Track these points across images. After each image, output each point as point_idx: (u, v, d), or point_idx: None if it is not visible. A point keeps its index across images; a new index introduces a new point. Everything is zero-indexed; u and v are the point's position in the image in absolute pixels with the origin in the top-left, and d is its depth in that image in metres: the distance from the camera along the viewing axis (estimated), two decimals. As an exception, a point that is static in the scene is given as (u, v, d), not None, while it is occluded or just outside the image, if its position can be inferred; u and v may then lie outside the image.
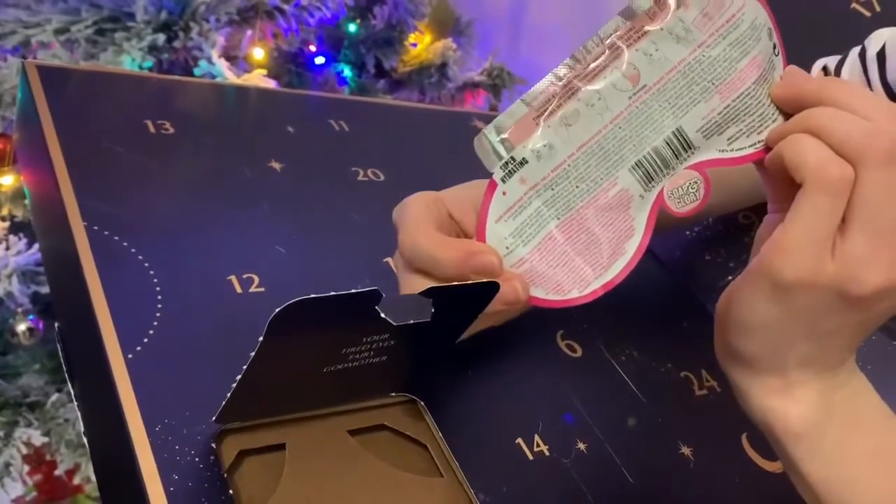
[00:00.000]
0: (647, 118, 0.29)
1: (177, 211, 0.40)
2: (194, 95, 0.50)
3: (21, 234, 0.75)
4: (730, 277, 0.51)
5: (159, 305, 0.34)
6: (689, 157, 0.29)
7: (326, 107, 0.54)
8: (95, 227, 0.36)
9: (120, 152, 0.41)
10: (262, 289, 0.37)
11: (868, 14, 0.59)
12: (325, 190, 0.46)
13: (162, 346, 0.32)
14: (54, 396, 0.76)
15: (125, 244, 0.36)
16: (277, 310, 0.25)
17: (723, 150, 0.29)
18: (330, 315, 0.27)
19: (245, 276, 0.37)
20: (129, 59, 0.73)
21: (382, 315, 0.27)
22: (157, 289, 0.35)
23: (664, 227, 0.36)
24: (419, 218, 0.32)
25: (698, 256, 0.53)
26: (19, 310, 0.74)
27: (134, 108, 0.45)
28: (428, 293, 0.28)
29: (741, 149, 0.29)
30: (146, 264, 0.35)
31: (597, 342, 0.42)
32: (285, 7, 0.80)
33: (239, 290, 0.36)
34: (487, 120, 0.58)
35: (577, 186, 0.29)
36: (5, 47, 0.74)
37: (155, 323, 0.33)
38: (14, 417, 0.74)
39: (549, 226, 0.30)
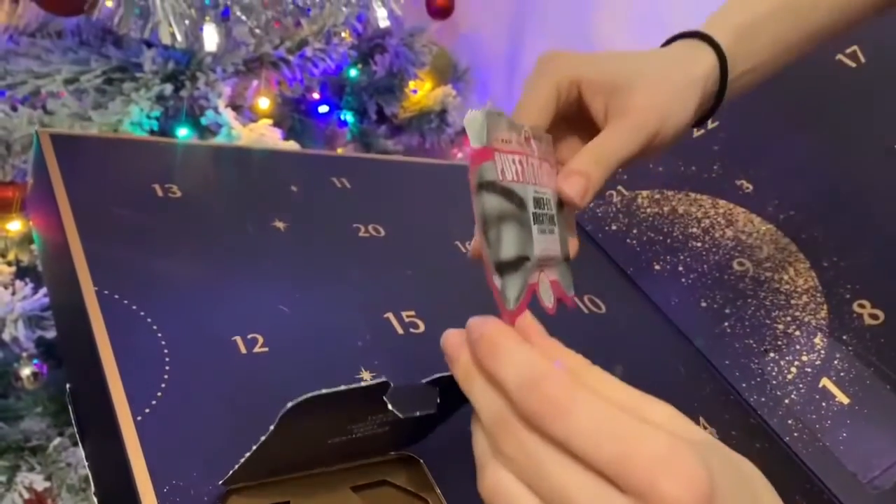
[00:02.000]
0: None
1: (183, 273, 0.41)
2: (200, 159, 0.51)
3: (27, 279, 0.76)
4: (725, 324, 0.52)
5: (167, 367, 0.35)
6: None
7: (328, 165, 0.55)
8: (106, 292, 0.37)
9: (129, 216, 0.42)
10: (266, 349, 0.38)
11: (853, 65, 0.61)
12: (327, 247, 0.47)
13: (170, 408, 0.33)
14: (56, 440, 0.76)
15: (134, 307, 0.37)
16: (289, 404, 0.26)
17: None
18: (339, 404, 0.28)
19: (250, 336, 0.38)
20: (138, 109, 0.74)
21: (390, 407, 0.28)
22: (165, 351, 0.36)
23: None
24: (540, 106, 0.32)
25: (693, 302, 0.54)
26: (24, 354, 0.75)
27: (142, 173, 0.47)
28: (434, 381, 0.29)
29: None
30: (154, 327, 0.37)
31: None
32: (290, 58, 0.82)
33: (244, 350, 0.37)
34: None
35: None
36: (16, 96, 0.76)
37: (163, 385, 0.34)
38: (16, 462, 0.75)
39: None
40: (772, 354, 0.50)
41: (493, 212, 0.25)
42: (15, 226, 0.79)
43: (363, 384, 0.27)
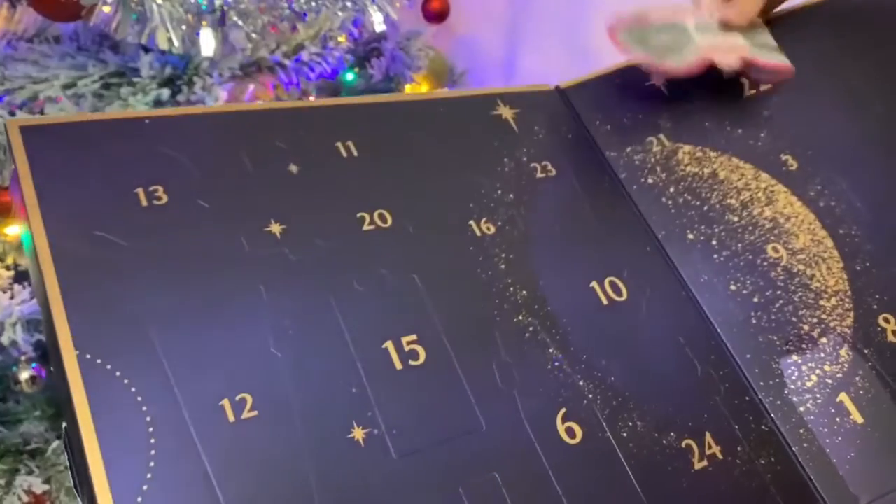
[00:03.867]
0: None
1: (169, 316, 0.38)
2: (190, 133, 0.45)
3: (25, 283, 0.76)
4: (752, 314, 0.49)
5: (152, 452, 0.34)
6: None
7: (332, 123, 0.49)
8: (88, 356, 0.36)
9: (108, 241, 0.39)
10: (255, 412, 0.37)
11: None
12: (326, 254, 0.43)
13: (159, 496, 0.33)
14: (55, 443, 0.77)
15: (118, 374, 0.36)
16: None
17: None
18: None
19: (238, 397, 0.37)
20: (136, 115, 0.74)
21: None
22: (150, 430, 0.35)
23: None
24: None
25: (723, 284, 0.51)
26: (23, 358, 0.75)
27: (125, 173, 0.42)
28: None
29: None
30: (139, 398, 0.35)
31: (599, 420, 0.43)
32: (286, 62, 0.82)
33: (231, 417, 0.36)
34: (513, 102, 0.55)
35: None
36: (14, 102, 0.76)
37: (149, 476, 0.34)
38: (15, 465, 0.75)
39: None
40: (794, 357, 0.49)
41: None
42: (13, 230, 0.79)
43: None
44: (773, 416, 0.47)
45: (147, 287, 0.39)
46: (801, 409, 0.48)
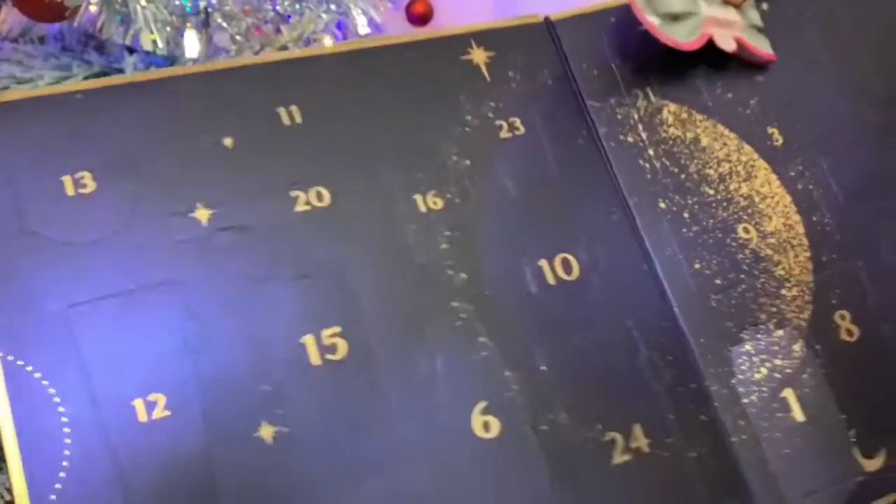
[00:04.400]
0: None
1: (89, 313, 0.38)
2: (121, 108, 0.42)
3: None
4: (713, 296, 0.48)
5: (66, 452, 0.36)
6: None
7: (274, 85, 0.45)
8: (10, 358, 0.36)
9: (34, 234, 0.39)
10: (168, 412, 0.37)
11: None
12: (256, 241, 0.42)
13: (71, 493, 0.35)
14: None
15: (37, 375, 0.37)
16: None
17: None
18: None
19: (150, 397, 0.37)
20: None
21: None
22: (66, 430, 0.36)
23: None
24: None
25: (688, 261, 0.49)
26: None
27: (52, 158, 0.41)
28: None
29: None
30: (56, 399, 0.36)
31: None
32: None
33: (143, 418, 0.37)
34: (490, 42, 0.50)
35: None
36: (-1, 103, 0.76)
37: (62, 474, 0.35)
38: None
39: None
40: (747, 346, 0.47)
41: None
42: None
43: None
44: (716, 404, 0.46)
45: (68, 283, 0.39)
46: (745, 400, 0.47)
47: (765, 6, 0.56)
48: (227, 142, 0.44)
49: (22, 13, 0.71)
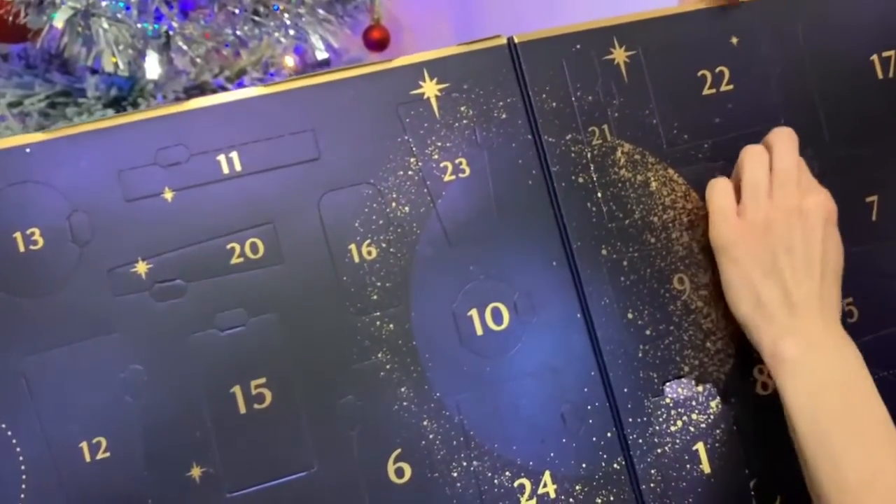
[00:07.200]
0: None
1: (43, 359, 0.43)
2: (65, 161, 0.44)
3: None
4: (640, 347, 0.49)
5: (22, 495, 0.40)
6: None
7: (216, 130, 0.46)
8: None
9: None
10: (108, 454, 0.42)
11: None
12: (192, 296, 0.45)
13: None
14: None
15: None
16: None
17: None
18: None
19: (94, 440, 0.42)
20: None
21: None
22: (22, 468, 0.41)
23: None
24: None
25: (621, 311, 0.49)
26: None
27: (4, 215, 0.44)
28: None
29: None
30: (14, 441, 0.41)
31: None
32: (229, 86, 0.84)
33: (88, 458, 0.42)
34: (443, 73, 0.49)
35: None
36: (-40, 119, 0.78)
37: None
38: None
39: None
40: (667, 399, 0.49)
41: None
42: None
43: None
44: (631, 452, 0.48)
45: (22, 338, 0.43)
46: (659, 450, 0.49)
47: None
48: (168, 195, 0.45)
49: (-17, 33, 0.72)
